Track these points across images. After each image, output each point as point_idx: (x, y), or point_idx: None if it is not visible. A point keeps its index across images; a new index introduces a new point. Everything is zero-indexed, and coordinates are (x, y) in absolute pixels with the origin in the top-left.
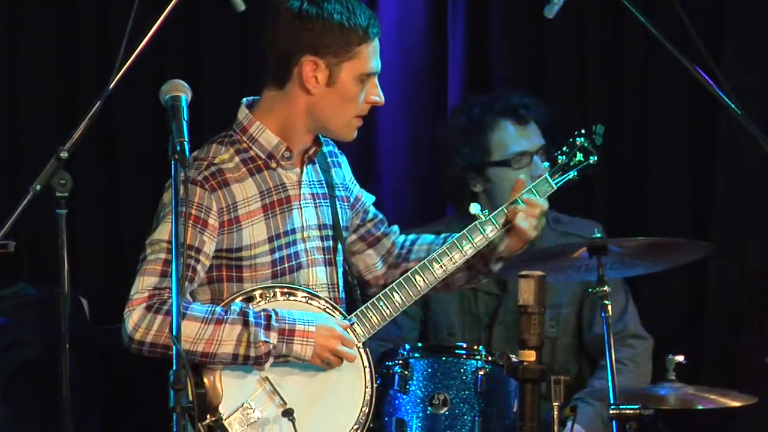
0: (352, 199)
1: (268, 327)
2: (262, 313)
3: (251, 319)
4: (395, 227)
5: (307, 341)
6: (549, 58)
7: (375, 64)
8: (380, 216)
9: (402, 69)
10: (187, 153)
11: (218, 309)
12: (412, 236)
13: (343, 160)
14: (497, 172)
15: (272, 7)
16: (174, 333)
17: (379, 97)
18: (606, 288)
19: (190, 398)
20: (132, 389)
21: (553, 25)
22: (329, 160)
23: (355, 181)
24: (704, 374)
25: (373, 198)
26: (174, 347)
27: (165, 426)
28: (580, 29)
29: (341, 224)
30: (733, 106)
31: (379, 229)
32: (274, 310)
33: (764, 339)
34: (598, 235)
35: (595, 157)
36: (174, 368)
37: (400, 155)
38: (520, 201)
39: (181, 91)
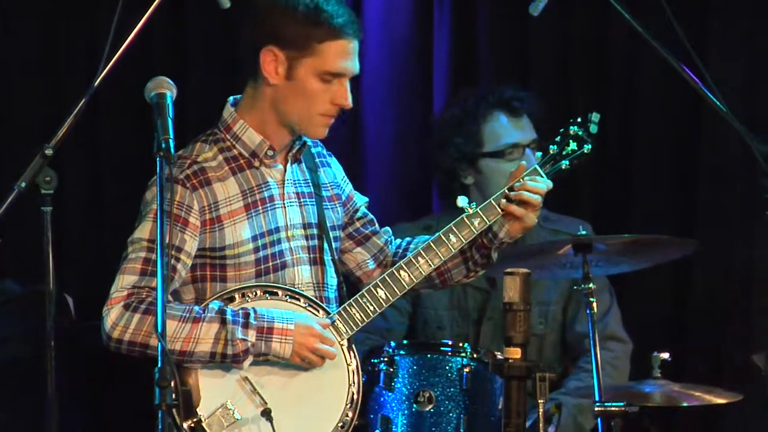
0: (344, 198)
1: (246, 325)
2: (240, 312)
3: (229, 317)
4: (387, 228)
5: (285, 339)
6: (534, 54)
7: (343, 65)
8: (370, 216)
9: (387, 64)
10: (172, 150)
11: (196, 308)
12: (408, 238)
13: (332, 161)
14: (489, 163)
15: (249, 3)
16: (159, 330)
17: (344, 100)
18: (591, 285)
19: (175, 396)
20: (117, 386)
21: (538, 20)
22: (317, 160)
23: (347, 181)
24: (689, 371)
25: (366, 199)
26: (159, 344)
27: (150, 423)
28: (565, 25)
29: (328, 223)
30: (718, 102)
31: (367, 228)
32: (253, 308)
33: (749, 336)
34: (583, 232)
35: (589, 146)
36: (159, 365)
37: (385, 149)
38: (523, 181)
39: (166, 89)
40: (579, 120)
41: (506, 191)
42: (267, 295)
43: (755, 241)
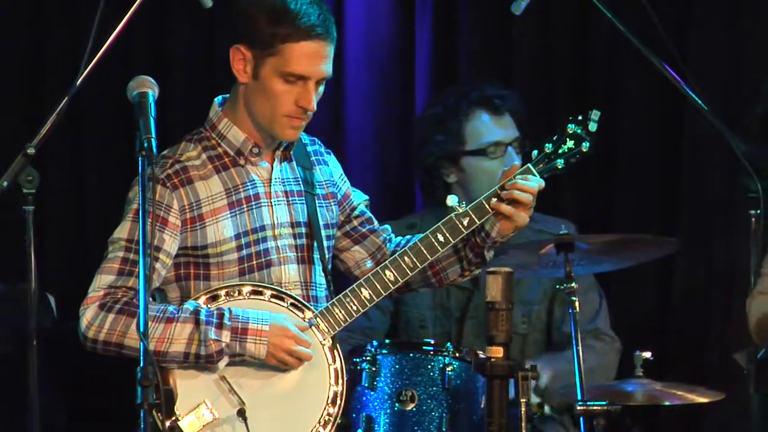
0: (339, 196)
1: (220, 326)
2: (215, 312)
3: (203, 317)
4: (387, 226)
5: (260, 340)
6: (516, 53)
7: (307, 66)
8: (368, 215)
9: (370, 64)
10: (154, 149)
11: (170, 308)
12: (409, 236)
13: (330, 158)
14: (471, 161)
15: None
16: (141, 329)
17: (306, 103)
18: (573, 285)
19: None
20: (99, 385)
21: (520, 20)
22: (313, 158)
23: (345, 179)
24: (671, 370)
25: (365, 197)
26: (141, 344)
27: (132, 422)
28: (547, 24)
29: (320, 222)
30: (700, 102)
31: (365, 226)
32: (228, 308)
33: (730, 335)
34: (564, 231)
35: (588, 144)
36: (141, 365)
37: (367, 149)
38: (515, 180)
39: (148, 88)
40: (579, 118)
41: (497, 190)
42: (252, 293)
43: (737, 240)
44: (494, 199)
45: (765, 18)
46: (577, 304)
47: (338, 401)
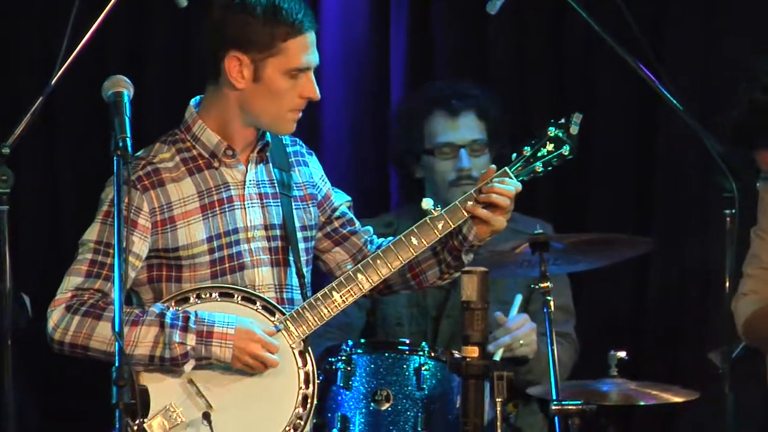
0: (320, 197)
1: (185, 329)
2: (180, 315)
3: (168, 320)
4: (369, 228)
5: (225, 343)
6: (491, 53)
7: (307, 58)
8: (350, 216)
9: (345, 63)
10: (129, 149)
11: (136, 310)
12: (391, 237)
13: (311, 159)
14: (428, 160)
15: (206, 2)
16: (116, 329)
17: (313, 93)
18: (548, 284)
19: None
20: (74, 385)
21: (495, 19)
22: (292, 159)
23: (326, 180)
24: (646, 370)
25: (347, 198)
26: (117, 344)
27: (107, 423)
28: (522, 24)
29: (297, 224)
30: (674, 101)
31: (345, 227)
32: (194, 311)
33: (705, 334)
34: (539, 231)
35: (569, 147)
36: (116, 365)
37: (343, 148)
38: (492, 183)
39: (123, 87)
40: (560, 121)
41: (474, 194)
42: (221, 296)
43: (711, 240)
44: (470, 203)
45: (740, 17)
46: (551, 303)
47: (309, 404)
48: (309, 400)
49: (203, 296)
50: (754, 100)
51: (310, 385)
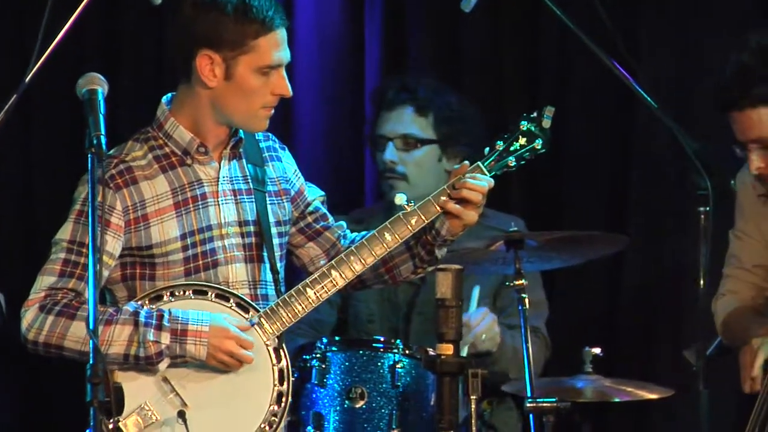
0: (293, 192)
1: (159, 327)
2: (154, 313)
3: (142, 319)
4: (342, 223)
5: (200, 341)
6: (465, 50)
7: (278, 55)
8: (323, 211)
9: (319, 59)
10: (104, 146)
11: (110, 309)
12: (364, 233)
13: (284, 154)
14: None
15: (176, 1)
16: (91, 327)
17: (284, 90)
18: (523, 281)
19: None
20: (49, 385)
21: (469, 16)
22: (266, 154)
23: (299, 175)
24: (621, 367)
25: (320, 193)
26: (91, 342)
27: (83, 421)
28: (496, 21)
29: (270, 220)
30: (649, 99)
31: (319, 223)
32: (168, 310)
33: (680, 331)
34: (514, 228)
35: (541, 141)
36: (91, 362)
37: (317, 144)
38: (465, 179)
39: (97, 85)
40: (532, 115)
41: (447, 189)
42: (195, 294)
43: (686, 237)
44: (443, 198)
45: (717, 15)
46: (527, 301)
47: (283, 401)
48: (284, 397)
49: (177, 294)
50: (741, 61)
51: (285, 382)
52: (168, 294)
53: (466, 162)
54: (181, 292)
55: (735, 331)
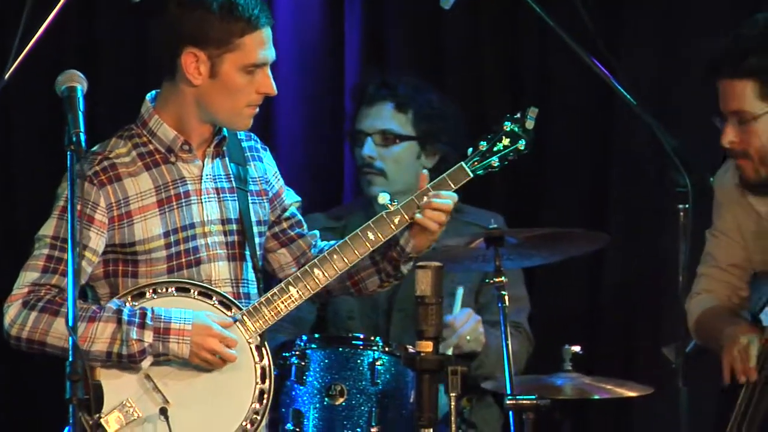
0: (271, 194)
1: (142, 325)
2: (137, 311)
3: (125, 317)
4: (315, 232)
5: (182, 339)
6: (445, 48)
7: (263, 54)
8: (299, 218)
9: (299, 59)
10: (83, 144)
11: (93, 307)
12: (332, 242)
13: (265, 155)
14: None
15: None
16: (70, 324)
17: (269, 88)
18: (503, 278)
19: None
20: (32, 381)
21: (449, 15)
22: (248, 154)
23: (279, 177)
24: (601, 364)
25: (297, 198)
26: (70, 338)
27: (65, 418)
28: (476, 20)
29: (253, 218)
30: (628, 96)
31: (294, 229)
32: (151, 308)
33: (660, 329)
34: (494, 225)
35: (524, 142)
36: (70, 359)
37: (297, 145)
38: (429, 198)
39: (76, 82)
40: (516, 116)
41: (415, 200)
42: (178, 291)
43: (666, 235)
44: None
45: (696, 13)
46: (506, 298)
47: (265, 399)
48: (266, 395)
49: (159, 291)
50: (742, 32)
51: (267, 380)
52: (151, 291)
53: (425, 172)
54: (164, 289)
55: (708, 331)
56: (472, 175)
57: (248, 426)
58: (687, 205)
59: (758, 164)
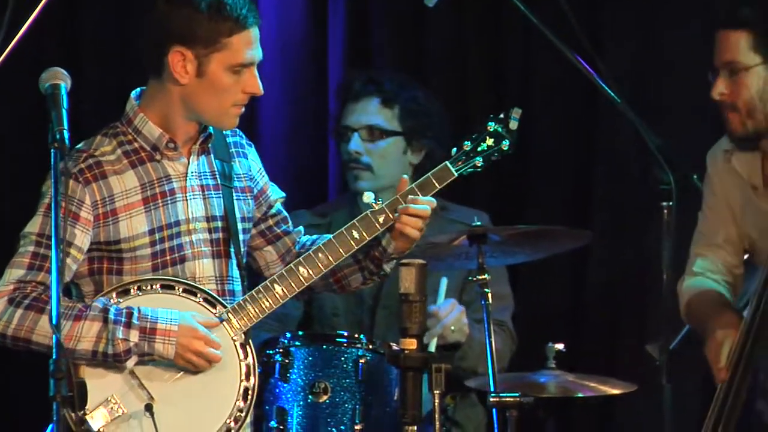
0: (256, 191)
1: (128, 325)
2: (124, 311)
3: (111, 316)
4: (300, 228)
5: (168, 340)
6: (429, 47)
7: (250, 54)
8: (284, 214)
9: (282, 59)
10: (66, 141)
11: (79, 305)
12: (316, 236)
13: (250, 151)
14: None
15: None
16: (53, 322)
17: (256, 88)
18: (486, 276)
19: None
20: (16, 378)
21: (433, 14)
22: (233, 150)
23: (264, 174)
24: (584, 362)
25: (282, 194)
26: (54, 336)
27: (45, 415)
28: (460, 18)
29: (237, 215)
30: (612, 94)
31: (280, 227)
32: (137, 307)
33: (643, 326)
34: (478, 222)
35: (508, 142)
36: (54, 357)
37: (281, 142)
38: (406, 204)
39: (60, 79)
40: (499, 116)
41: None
42: (163, 288)
43: (649, 232)
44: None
45: (680, 11)
46: (490, 295)
47: (249, 396)
48: (250, 393)
49: (144, 288)
50: None
51: (251, 378)
52: (136, 288)
53: (405, 176)
54: (149, 287)
55: (697, 318)
56: (456, 175)
57: (232, 424)
58: (671, 203)
59: (745, 117)
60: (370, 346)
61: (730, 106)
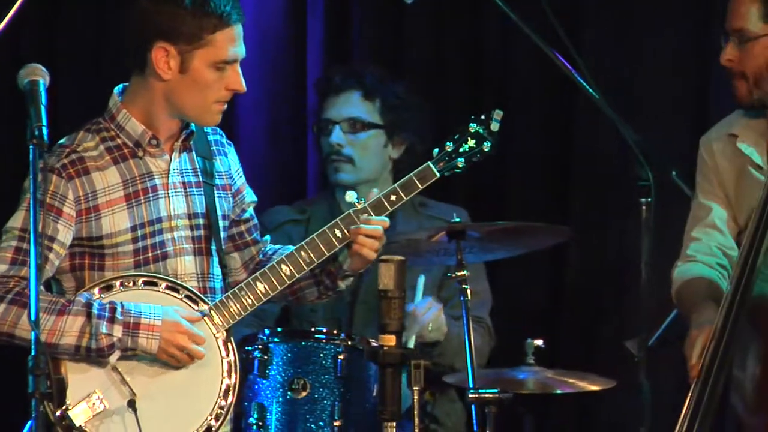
0: (233, 190)
1: (111, 320)
2: (107, 306)
3: (95, 311)
4: (267, 238)
5: (152, 335)
6: (408, 41)
7: (234, 51)
8: (255, 221)
9: (261, 53)
10: (45, 138)
11: (62, 300)
12: (277, 246)
13: (230, 150)
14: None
15: None
16: (33, 318)
17: (239, 85)
18: (465, 272)
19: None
20: None
21: (412, 11)
22: (214, 148)
23: (241, 174)
24: (563, 358)
25: (254, 199)
26: (33, 333)
27: (24, 412)
28: (439, 14)
29: (219, 212)
30: (591, 90)
31: (251, 233)
32: (120, 302)
33: (622, 323)
34: (457, 219)
35: (489, 143)
36: (32, 354)
37: (259, 139)
38: (359, 224)
39: (39, 76)
40: (481, 117)
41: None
42: (146, 284)
43: (628, 228)
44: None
45: (659, 8)
46: (469, 292)
47: (231, 394)
48: (231, 390)
49: (127, 284)
50: None
51: (233, 375)
52: (119, 283)
53: (375, 190)
54: (132, 283)
55: (684, 306)
56: (438, 175)
57: (213, 421)
58: (649, 199)
59: (752, 86)
60: (349, 343)
61: (739, 73)
